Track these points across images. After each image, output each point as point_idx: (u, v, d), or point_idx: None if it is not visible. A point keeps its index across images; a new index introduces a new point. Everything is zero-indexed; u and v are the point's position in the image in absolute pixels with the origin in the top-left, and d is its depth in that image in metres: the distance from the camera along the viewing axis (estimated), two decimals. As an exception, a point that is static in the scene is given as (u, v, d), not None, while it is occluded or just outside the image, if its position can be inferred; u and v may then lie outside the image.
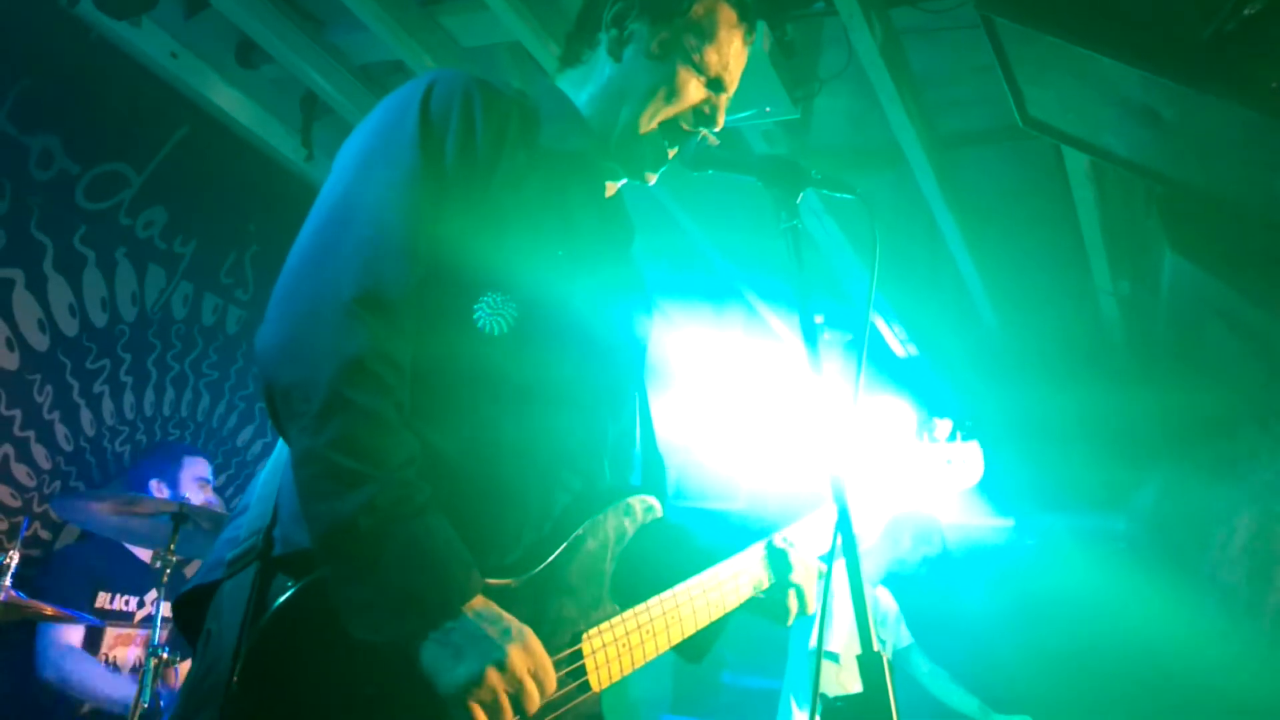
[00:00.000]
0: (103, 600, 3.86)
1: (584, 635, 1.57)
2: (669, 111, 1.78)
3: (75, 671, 3.66)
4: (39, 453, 4.12)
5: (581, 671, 1.55)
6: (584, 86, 1.83)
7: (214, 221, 4.90)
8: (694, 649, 1.80)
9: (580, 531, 1.60)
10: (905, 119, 4.19)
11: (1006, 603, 6.39)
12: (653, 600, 1.66)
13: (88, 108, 4.26)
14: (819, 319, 6.21)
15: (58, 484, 4.18)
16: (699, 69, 1.79)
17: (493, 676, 1.35)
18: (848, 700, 1.45)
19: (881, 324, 6.25)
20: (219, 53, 4.62)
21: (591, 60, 1.84)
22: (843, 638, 4.56)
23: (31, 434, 4.09)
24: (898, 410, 6.22)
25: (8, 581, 3.06)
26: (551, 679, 1.43)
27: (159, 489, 4.07)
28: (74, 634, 3.75)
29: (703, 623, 1.73)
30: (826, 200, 5.01)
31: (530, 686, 1.39)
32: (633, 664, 1.62)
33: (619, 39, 1.80)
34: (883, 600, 5.17)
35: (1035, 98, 3.38)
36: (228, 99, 4.70)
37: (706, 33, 1.79)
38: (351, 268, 1.43)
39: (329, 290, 1.41)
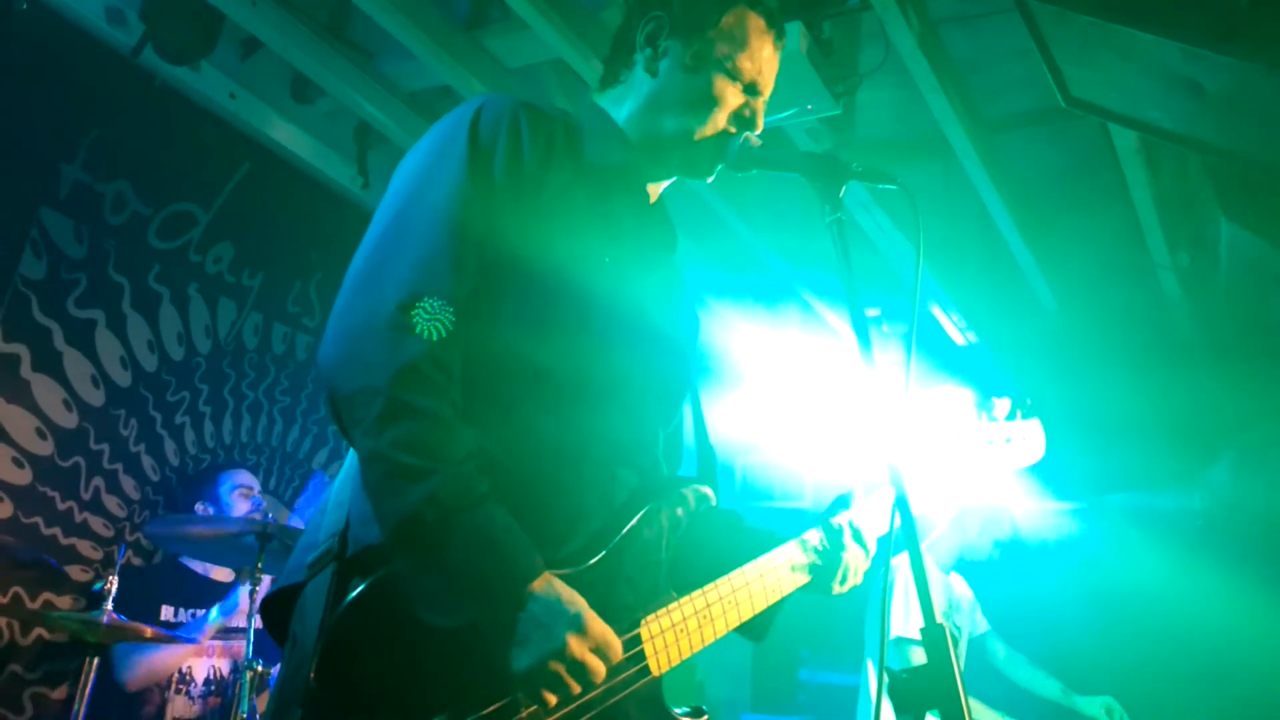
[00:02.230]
0: (166, 614, 4.01)
1: (642, 621, 1.63)
2: (711, 118, 1.85)
3: (143, 660, 3.83)
4: (128, 483, 4.30)
5: (641, 656, 1.61)
6: (624, 102, 1.92)
7: (279, 253, 5.08)
8: (754, 630, 1.87)
9: (635, 522, 1.67)
10: (948, 107, 4.20)
11: (1082, 587, 6.32)
12: (709, 586, 1.72)
13: (155, 152, 4.45)
14: (875, 312, 6.21)
15: (146, 513, 4.36)
16: (734, 76, 1.86)
17: (557, 654, 1.43)
18: (913, 672, 1.50)
19: (939, 313, 6.23)
20: (275, 91, 4.80)
21: (630, 79, 1.92)
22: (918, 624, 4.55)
23: (120, 466, 4.28)
24: (959, 398, 6.20)
25: (109, 606, 3.23)
26: (617, 650, 1.50)
27: (204, 510, 4.24)
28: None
29: (759, 607, 1.80)
30: (875, 193, 5.02)
31: (593, 661, 1.46)
32: (691, 648, 1.67)
33: (654, 56, 1.89)
34: (957, 587, 5.15)
35: (1076, 77, 3.39)
36: (285, 134, 4.88)
37: (738, 41, 1.87)
38: (405, 280, 1.53)
39: (384, 303, 1.51)
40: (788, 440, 7.12)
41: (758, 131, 1.91)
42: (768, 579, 1.80)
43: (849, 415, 6.61)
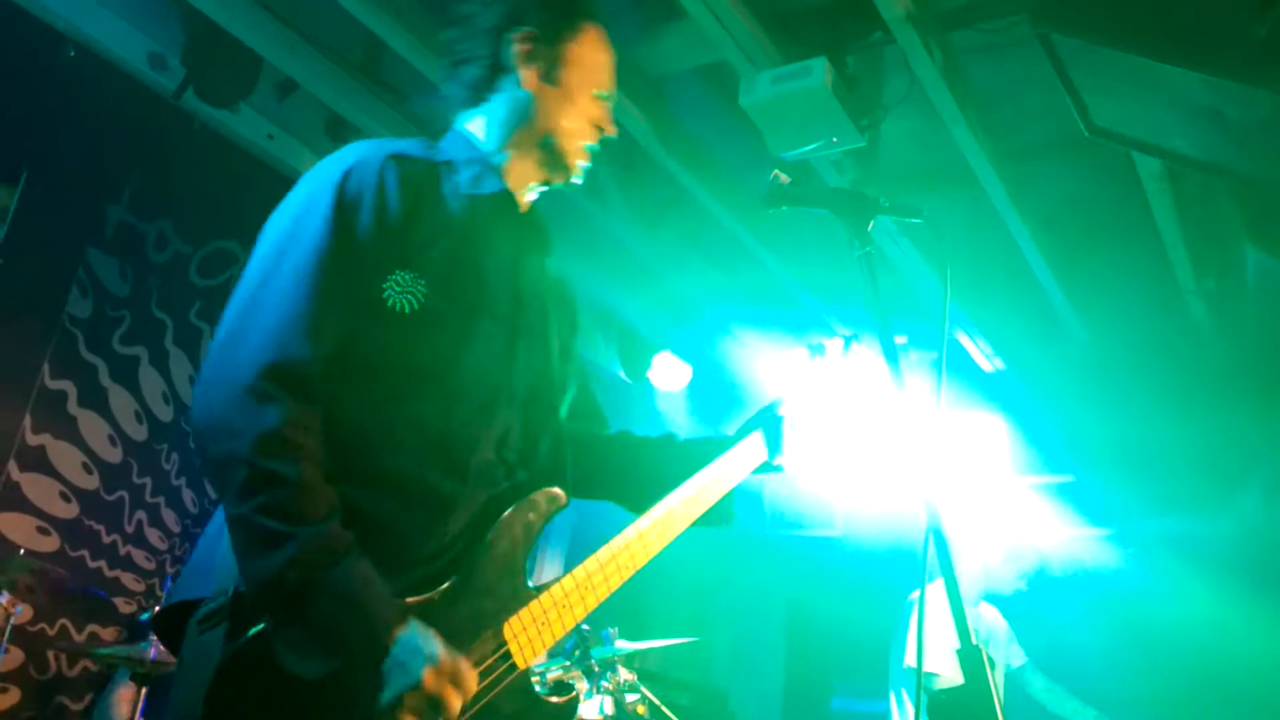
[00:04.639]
0: None
1: (504, 624, 1.74)
2: (573, 125, 1.98)
3: None
4: (168, 517, 4.39)
5: (508, 655, 1.73)
6: (492, 121, 1.99)
7: (314, 288, 5.17)
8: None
9: (491, 535, 1.77)
10: (971, 138, 4.25)
11: (1117, 614, 6.28)
12: (566, 576, 1.83)
13: (196, 191, 4.58)
14: (902, 339, 6.25)
15: (186, 546, 4.45)
16: (588, 84, 2.00)
17: (414, 687, 1.51)
18: (950, 692, 1.54)
19: (966, 340, 6.26)
20: (311, 130, 4.93)
21: (492, 96, 2.01)
22: (943, 659, 4.52)
23: (161, 499, 4.37)
24: (987, 425, 6.23)
25: (155, 637, 3.30)
26: (472, 681, 1.60)
27: None
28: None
29: (615, 585, 1.89)
30: (901, 223, 5.07)
31: (449, 694, 1.55)
32: (553, 637, 1.81)
33: (513, 71, 1.98)
34: (989, 618, 5.14)
35: (1098, 107, 3.43)
36: (321, 172, 4.99)
37: (587, 51, 2.01)
38: (264, 346, 1.58)
39: (244, 371, 1.56)
40: (817, 469, 7.13)
41: (609, 131, 2.03)
42: (620, 558, 1.89)
43: (879, 443, 6.61)
